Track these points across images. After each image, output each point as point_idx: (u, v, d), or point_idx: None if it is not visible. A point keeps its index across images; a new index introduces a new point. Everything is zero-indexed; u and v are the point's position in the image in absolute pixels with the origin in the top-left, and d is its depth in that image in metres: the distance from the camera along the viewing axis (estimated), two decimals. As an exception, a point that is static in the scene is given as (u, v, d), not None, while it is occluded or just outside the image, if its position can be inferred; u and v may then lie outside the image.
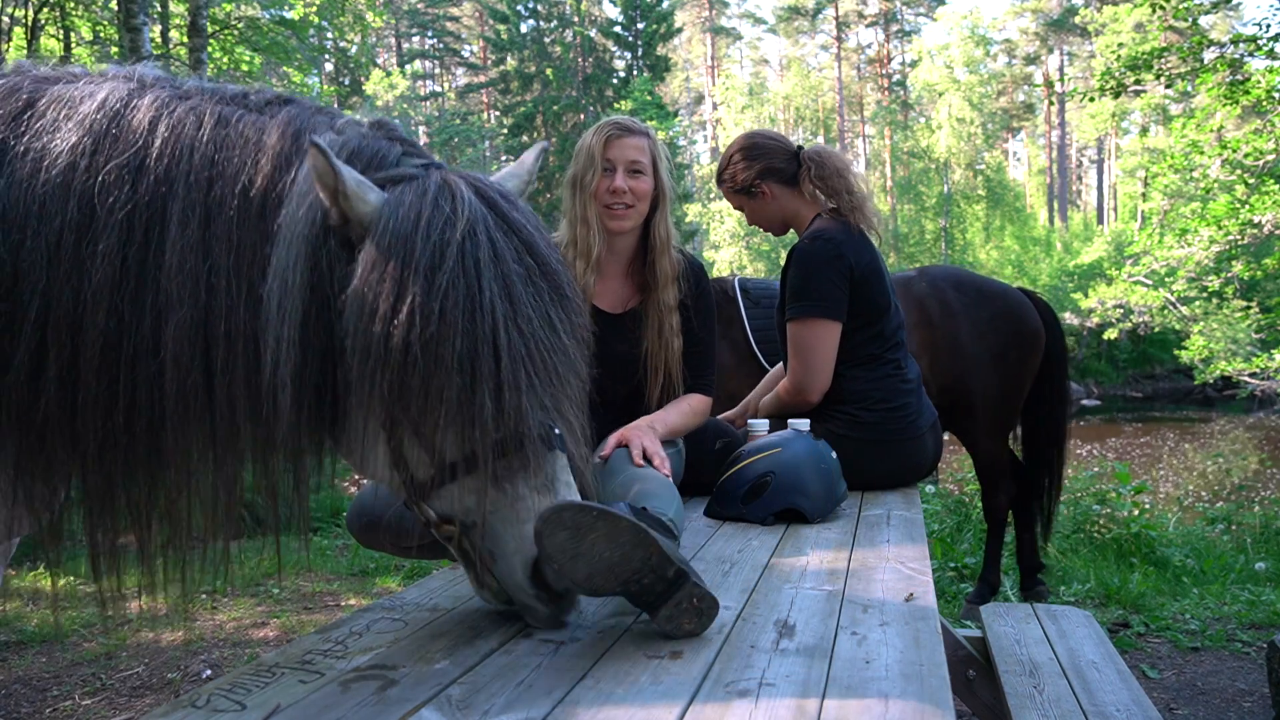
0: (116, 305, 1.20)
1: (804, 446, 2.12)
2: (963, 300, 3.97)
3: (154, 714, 1.04)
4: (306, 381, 1.21)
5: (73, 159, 1.22)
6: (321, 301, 1.22)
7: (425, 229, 1.19)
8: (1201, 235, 10.31)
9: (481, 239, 1.21)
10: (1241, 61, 9.35)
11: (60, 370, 1.19)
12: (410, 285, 1.16)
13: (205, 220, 1.22)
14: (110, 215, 1.20)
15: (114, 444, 1.22)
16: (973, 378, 3.91)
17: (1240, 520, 6.24)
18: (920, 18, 43.96)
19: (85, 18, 9.96)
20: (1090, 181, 49.27)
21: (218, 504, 1.28)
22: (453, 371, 1.16)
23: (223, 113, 1.30)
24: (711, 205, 29.64)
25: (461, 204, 1.23)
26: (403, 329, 1.15)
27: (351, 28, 13.21)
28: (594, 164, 2.27)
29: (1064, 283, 26.26)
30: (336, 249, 1.23)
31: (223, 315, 1.21)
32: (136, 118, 1.26)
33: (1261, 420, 17.44)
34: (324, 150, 1.17)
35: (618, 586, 1.24)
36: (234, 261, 1.22)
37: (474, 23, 39.80)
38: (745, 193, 2.71)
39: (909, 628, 1.29)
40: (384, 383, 1.17)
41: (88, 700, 3.22)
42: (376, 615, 1.42)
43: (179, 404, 1.20)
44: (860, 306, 2.52)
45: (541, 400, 1.24)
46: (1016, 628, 2.76)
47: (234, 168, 1.25)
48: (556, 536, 1.19)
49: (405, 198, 1.23)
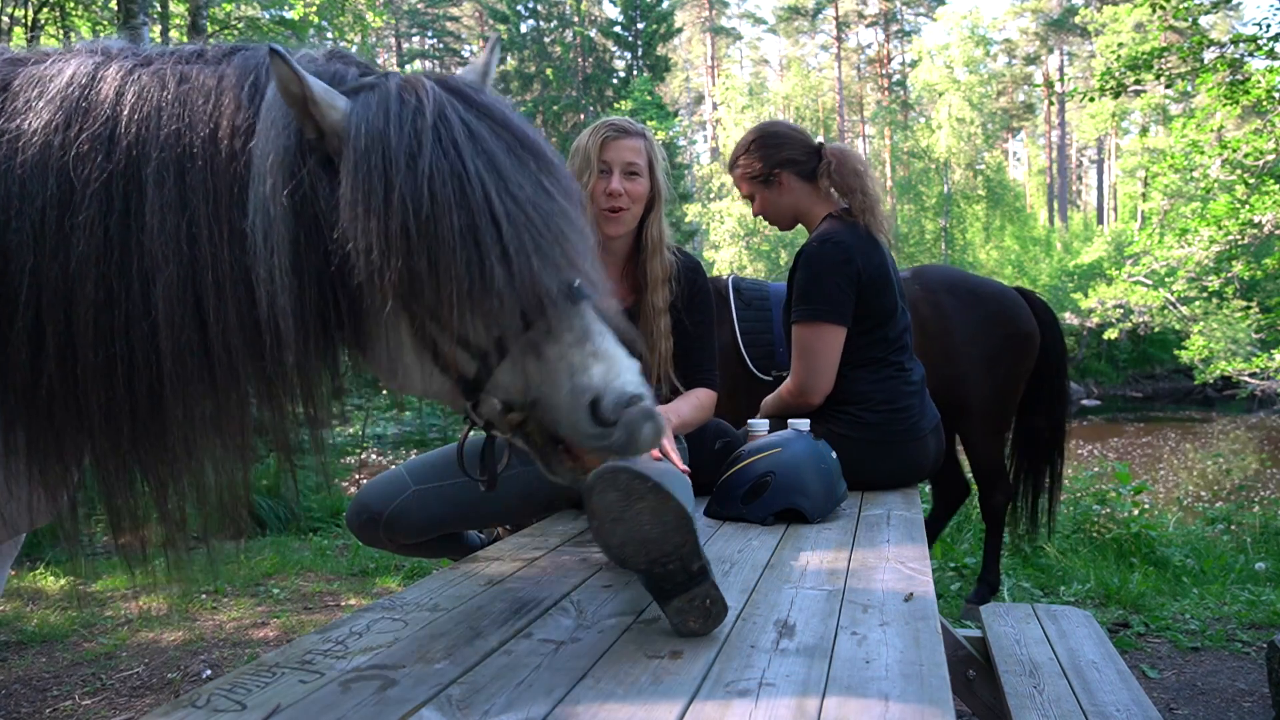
0: (104, 274, 1.20)
1: (804, 446, 2.12)
2: (956, 303, 3.94)
3: (154, 714, 1.04)
4: (308, 306, 1.22)
5: (47, 136, 1.23)
6: (309, 223, 1.22)
7: (397, 121, 1.20)
8: (1201, 235, 10.30)
9: (454, 120, 1.22)
10: (1241, 61, 9.35)
11: (58, 346, 1.20)
12: (394, 176, 1.17)
13: (179, 175, 1.23)
14: (87, 187, 1.21)
15: (118, 411, 1.23)
16: (967, 380, 3.89)
17: (1240, 520, 6.24)
18: (920, 18, 44.00)
19: (85, 18, 9.96)
20: (1090, 181, 49.31)
21: (229, 467, 1.29)
22: (455, 247, 1.17)
23: (183, 71, 1.30)
24: (711, 205, 29.65)
25: (426, 94, 1.24)
26: (397, 217, 1.16)
27: (351, 28, 13.20)
28: (590, 165, 2.25)
29: (1064, 283, 26.26)
30: (315, 168, 1.23)
31: (208, 265, 1.21)
32: (104, 89, 1.26)
33: (1261, 420, 17.44)
34: (285, 57, 1.18)
35: (643, 563, 1.25)
36: (212, 208, 1.22)
37: (474, 23, 39.82)
38: (762, 180, 2.67)
39: (909, 628, 1.29)
40: (392, 274, 1.17)
41: (88, 700, 3.22)
42: (376, 615, 1.42)
43: (176, 362, 1.21)
44: (867, 310, 2.52)
45: (553, 259, 1.23)
46: (1016, 628, 2.76)
47: (198, 115, 1.25)
48: (607, 495, 1.22)
49: (371, 100, 1.24)
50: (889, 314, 2.56)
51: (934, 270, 4.25)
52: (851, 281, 2.48)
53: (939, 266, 4.35)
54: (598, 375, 1.25)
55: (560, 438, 1.31)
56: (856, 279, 2.49)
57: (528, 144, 1.29)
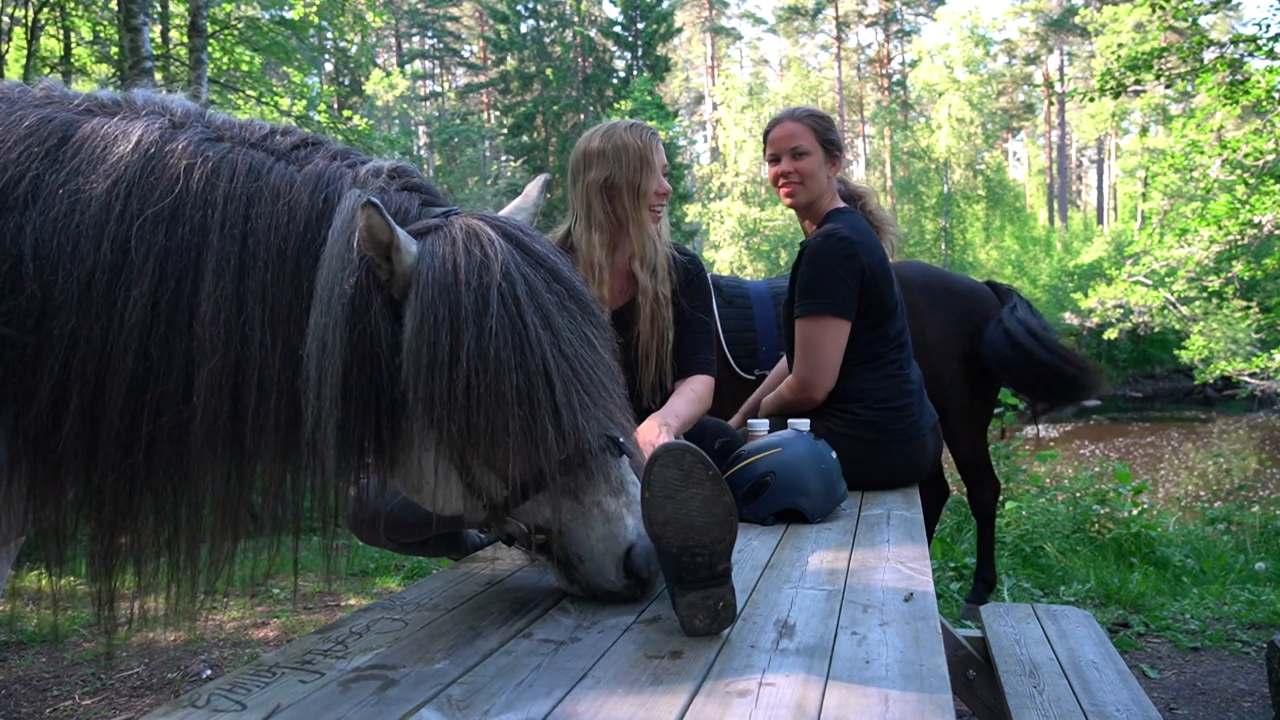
0: (146, 348, 1.23)
1: (804, 446, 2.12)
2: (928, 300, 3.88)
3: (154, 714, 1.04)
4: (350, 434, 1.27)
5: (108, 201, 1.25)
6: (365, 359, 1.27)
7: (465, 278, 1.27)
8: (1201, 235, 10.30)
9: (516, 277, 1.30)
10: (1241, 61, 9.35)
11: (82, 405, 1.22)
12: (463, 335, 1.24)
13: (239, 273, 1.27)
14: (145, 261, 1.24)
15: (130, 476, 1.26)
16: (944, 378, 3.83)
17: (1240, 520, 6.24)
18: (920, 18, 43.98)
19: (85, 18, 9.95)
20: (1090, 181, 49.29)
21: (220, 543, 1.33)
22: (513, 405, 1.25)
23: (253, 161, 1.34)
24: (711, 205, 29.65)
25: (491, 247, 1.30)
26: (464, 376, 1.23)
27: (351, 28, 13.21)
28: (652, 168, 2.33)
29: (1064, 283, 26.28)
30: (381, 308, 1.28)
31: (256, 365, 1.26)
32: (170, 162, 1.29)
33: (1262, 420, 17.44)
34: (380, 209, 1.24)
35: (676, 546, 1.27)
36: (269, 316, 1.27)
37: (474, 23, 39.80)
38: (830, 148, 2.64)
39: (909, 628, 1.29)
40: (452, 426, 1.25)
41: (88, 700, 3.22)
42: (376, 615, 1.42)
43: (206, 445, 1.25)
44: (869, 306, 2.52)
45: (594, 414, 1.33)
46: (1016, 628, 2.76)
47: (265, 223, 1.30)
48: (668, 471, 1.26)
49: (439, 249, 1.30)
50: (890, 310, 2.57)
51: (909, 267, 4.15)
52: (855, 276, 2.49)
53: (913, 263, 4.30)
54: (632, 528, 1.36)
55: (580, 567, 1.39)
56: (860, 274, 2.49)
57: (575, 295, 1.38)
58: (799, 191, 2.64)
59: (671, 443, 1.28)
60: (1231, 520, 6.26)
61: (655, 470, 1.26)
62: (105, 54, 10.51)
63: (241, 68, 10.59)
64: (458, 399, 1.23)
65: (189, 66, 7.97)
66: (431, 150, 32.32)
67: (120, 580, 1.33)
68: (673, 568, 1.28)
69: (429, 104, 37.14)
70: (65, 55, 10.04)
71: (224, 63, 10.37)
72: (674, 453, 1.26)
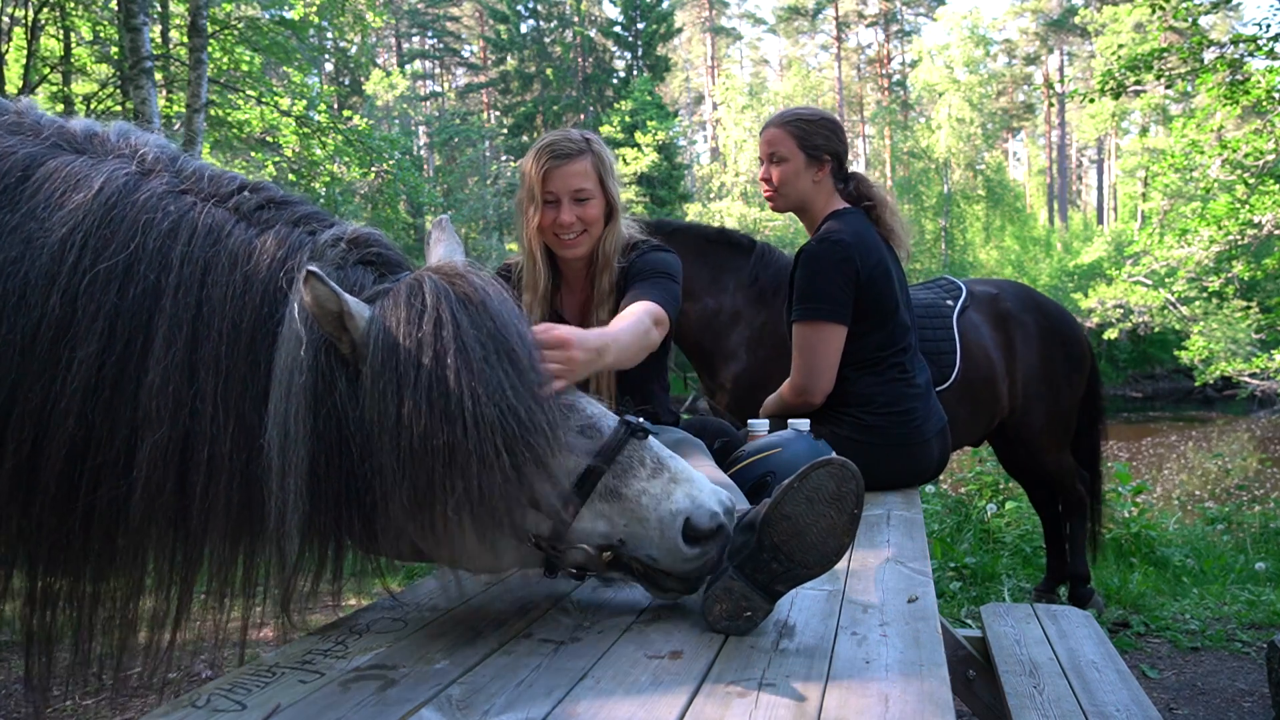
0: (87, 413, 1.16)
1: (804, 447, 2.11)
2: (1039, 323, 3.93)
3: (154, 714, 1.04)
4: (318, 527, 1.20)
5: (61, 251, 1.17)
6: (331, 446, 1.18)
7: (409, 331, 1.18)
8: (1201, 235, 10.29)
9: (445, 318, 1.19)
10: (1241, 61, 9.34)
11: (18, 465, 1.16)
12: (415, 388, 1.15)
13: (192, 342, 1.19)
14: (94, 320, 1.16)
15: (66, 540, 1.19)
16: (1043, 398, 3.88)
17: (1240, 520, 6.24)
18: (920, 18, 43.98)
19: (85, 18, 9.95)
20: (1090, 181, 49.27)
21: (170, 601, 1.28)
22: (494, 432, 1.16)
23: (214, 222, 1.26)
24: (711, 205, 29.63)
25: (433, 297, 1.21)
26: (421, 425, 1.14)
27: (351, 28, 13.21)
28: (534, 198, 2.11)
29: (1064, 283, 26.24)
30: (346, 387, 1.20)
31: (206, 440, 1.18)
32: (130, 215, 1.21)
33: (1262, 420, 17.43)
34: (322, 278, 1.16)
35: (772, 543, 1.25)
36: (221, 389, 1.19)
37: (474, 23, 39.79)
38: (809, 150, 2.59)
39: (909, 628, 1.29)
40: (450, 484, 1.16)
41: (88, 700, 3.22)
42: (376, 615, 1.42)
43: (144, 521, 1.18)
44: (867, 309, 2.51)
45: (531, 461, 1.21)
46: (1016, 628, 2.76)
47: (221, 291, 1.22)
48: (827, 482, 1.23)
49: (387, 310, 1.21)
50: (890, 313, 2.56)
51: (1012, 287, 4.15)
52: (850, 280, 2.48)
53: (1015, 284, 4.28)
54: (681, 498, 1.30)
55: (657, 566, 1.32)
56: (855, 278, 2.48)
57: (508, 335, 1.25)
58: (776, 197, 2.66)
59: (849, 462, 1.24)
60: (1231, 520, 6.27)
61: (817, 473, 1.23)
62: (105, 54, 10.51)
63: (241, 68, 10.58)
64: (420, 452, 1.14)
65: (189, 66, 7.97)
66: (431, 150, 32.29)
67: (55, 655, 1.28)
68: (743, 556, 1.27)
69: (429, 104, 37.09)
70: (65, 55, 10.05)
71: (224, 63, 10.36)
72: (844, 470, 1.23)
